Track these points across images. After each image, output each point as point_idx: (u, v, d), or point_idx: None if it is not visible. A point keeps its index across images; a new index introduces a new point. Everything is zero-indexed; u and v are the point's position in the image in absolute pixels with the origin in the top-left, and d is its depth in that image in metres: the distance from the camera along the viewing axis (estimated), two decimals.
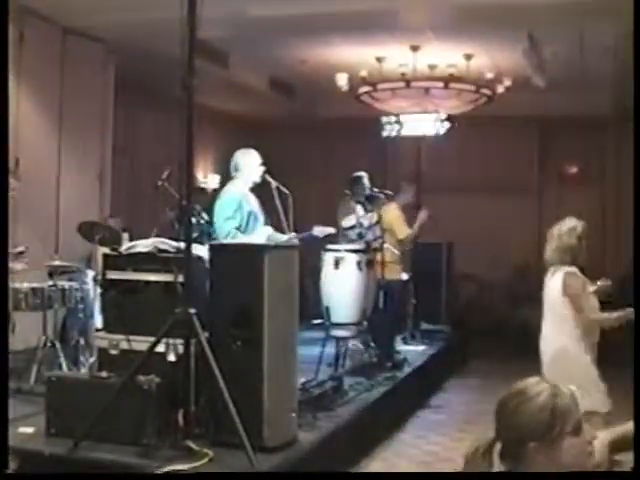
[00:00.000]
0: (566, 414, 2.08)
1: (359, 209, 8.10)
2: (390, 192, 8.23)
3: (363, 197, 8.11)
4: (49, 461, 4.53)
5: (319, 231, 7.18)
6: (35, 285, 6.45)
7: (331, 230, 7.34)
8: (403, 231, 8.44)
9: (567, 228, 4.85)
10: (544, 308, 4.93)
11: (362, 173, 8.28)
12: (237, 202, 6.29)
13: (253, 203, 6.43)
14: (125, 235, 7.37)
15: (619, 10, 6.86)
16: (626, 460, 2.45)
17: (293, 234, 6.34)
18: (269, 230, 6.41)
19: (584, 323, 4.70)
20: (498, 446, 2.15)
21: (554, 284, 4.81)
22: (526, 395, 2.11)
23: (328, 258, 7.13)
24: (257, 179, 6.42)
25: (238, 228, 6.18)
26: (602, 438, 2.39)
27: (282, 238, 6.26)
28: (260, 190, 6.55)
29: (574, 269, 4.76)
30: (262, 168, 6.41)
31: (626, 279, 7.81)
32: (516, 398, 2.13)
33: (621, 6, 6.57)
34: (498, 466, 2.16)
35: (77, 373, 6.20)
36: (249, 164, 6.41)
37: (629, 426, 2.46)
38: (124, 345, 5.20)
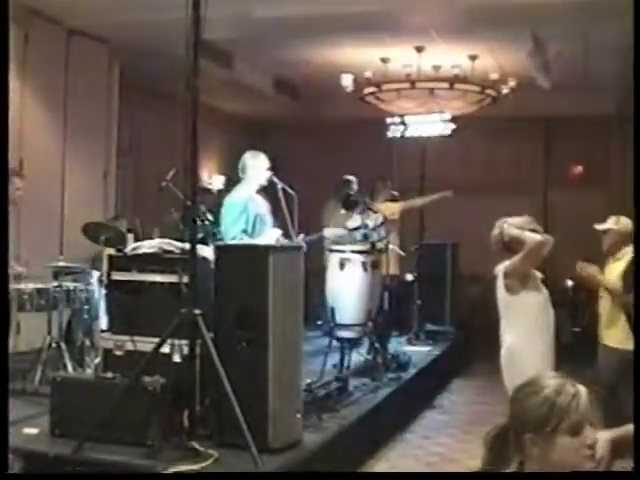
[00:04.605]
0: (564, 412, 2.11)
1: (343, 212, 8.36)
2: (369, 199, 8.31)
3: (346, 200, 8.31)
4: (54, 462, 4.52)
5: (330, 233, 7.26)
6: (40, 286, 6.45)
7: (342, 231, 7.42)
8: None
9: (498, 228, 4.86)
10: (500, 317, 4.88)
11: (350, 177, 8.47)
12: (242, 206, 6.30)
13: (260, 206, 6.44)
14: (130, 236, 7.38)
15: (623, 10, 6.84)
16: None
17: (302, 236, 6.37)
18: (278, 232, 6.40)
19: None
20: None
21: (499, 283, 4.77)
22: (534, 387, 2.18)
23: (333, 259, 7.13)
24: (264, 182, 6.43)
25: (245, 231, 6.19)
26: (604, 436, 2.39)
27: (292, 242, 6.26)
28: (267, 192, 6.55)
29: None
30: (269, 172, 6.41)
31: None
32: (526, 388, 2.20)
33: (625, 6, 6.56)
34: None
35: (82, 374, 6.19)
36: (257, 167, 6.42)
37: (629, 427, 2.46)
38: (129, 346, 5.21)
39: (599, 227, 5.81)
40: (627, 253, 5.67)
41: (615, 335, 5.73)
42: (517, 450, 2.18)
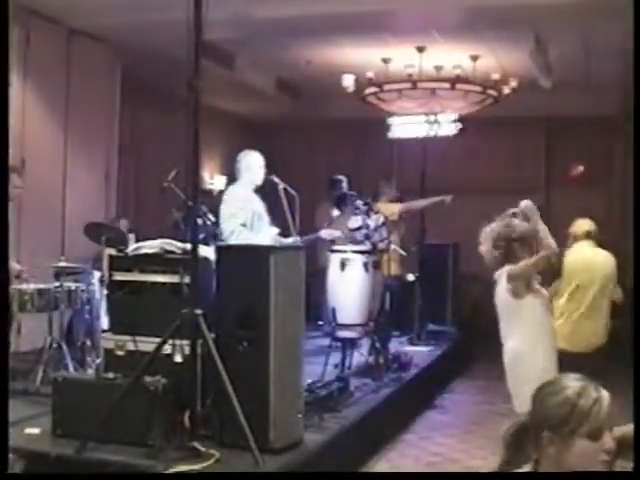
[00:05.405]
0: (584, 415, 2.09)
1: (335, 211, 8.51)
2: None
3: (338, 200, 8.38)
4: (55, 462, 4.53)
5: (326, 234, 7.27)
6: (41, 286, 6.45)
7: (338, 233, 7.43)
8: None
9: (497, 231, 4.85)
10: (500, 320, 4.84)
11: (341, 177, 8.53)
12: (241, 200, 6.32)
13: (257, 204, 6.46)
14: (131, 236, 7.38)
15: (625, 11, 6.85)
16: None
17: (298, 238, 6.38)
18: (275, 231, 6.42)
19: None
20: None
21: (500, 287, 4.71)
22: (556, 387, 2.17)
23: (334, 259, 7.13)
24: (259, 181, 6.45)
25: (244, 225, 6.21)
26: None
27: (287, 241, 6.28)
28: (266, 192, 6.56)
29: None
30: (263, 170, 6.43)
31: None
32: (548, 387, 2.20)
33: (625, 7, 6.56)
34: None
35: (83, 374, 6.20)
36: (250, 166, 6.44)
37: (629, 427, 2.46)
38: (130, 346, 5.21)
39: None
40: None
41: None
42: (535, 448, 2.17)
